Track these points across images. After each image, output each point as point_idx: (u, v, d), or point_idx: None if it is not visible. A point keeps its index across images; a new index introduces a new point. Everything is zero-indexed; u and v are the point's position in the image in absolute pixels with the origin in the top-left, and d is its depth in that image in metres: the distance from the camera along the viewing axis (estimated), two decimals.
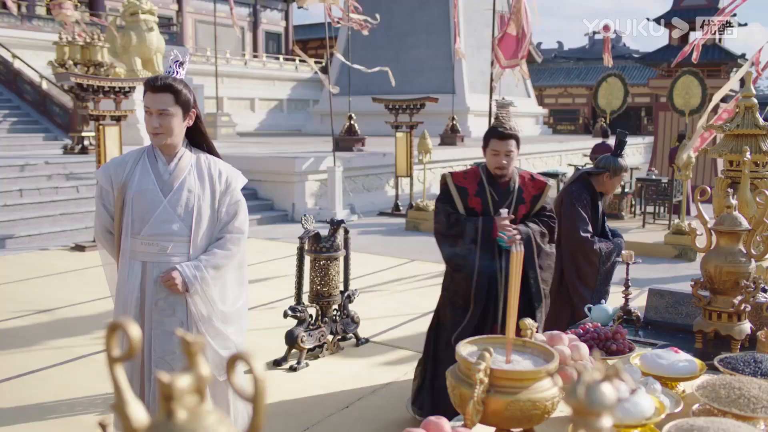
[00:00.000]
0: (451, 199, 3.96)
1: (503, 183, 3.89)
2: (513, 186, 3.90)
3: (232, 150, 15.52)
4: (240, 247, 3.07)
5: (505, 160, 3.79)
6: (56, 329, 6.10)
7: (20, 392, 4.68)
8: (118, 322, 0.78)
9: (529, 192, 3.91)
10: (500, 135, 3.77)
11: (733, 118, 4.77)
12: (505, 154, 3.78)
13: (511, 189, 3.89)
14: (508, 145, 3.77)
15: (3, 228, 10.27)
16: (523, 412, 1.74)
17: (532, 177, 3.98)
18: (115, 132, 9.17)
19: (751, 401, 1.78)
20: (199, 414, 0.75)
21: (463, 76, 27.17)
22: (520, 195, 3.89)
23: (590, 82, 37.41)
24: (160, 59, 19.19)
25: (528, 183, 3.93)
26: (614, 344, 2.48)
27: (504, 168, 3.82)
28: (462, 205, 3.91)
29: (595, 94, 18.64)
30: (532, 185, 3.93)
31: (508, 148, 3.78)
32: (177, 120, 2.90)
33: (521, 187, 3.91)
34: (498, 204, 3.85)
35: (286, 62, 34.93)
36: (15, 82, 18.62)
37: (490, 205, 3.85)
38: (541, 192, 3.94)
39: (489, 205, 3.85)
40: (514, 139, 3.79)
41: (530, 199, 3.91)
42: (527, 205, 3.91)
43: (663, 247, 9.94)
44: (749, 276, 2.55)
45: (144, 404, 2.87)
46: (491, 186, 3.89)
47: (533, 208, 3.93)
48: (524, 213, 3.90)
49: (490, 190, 3.88)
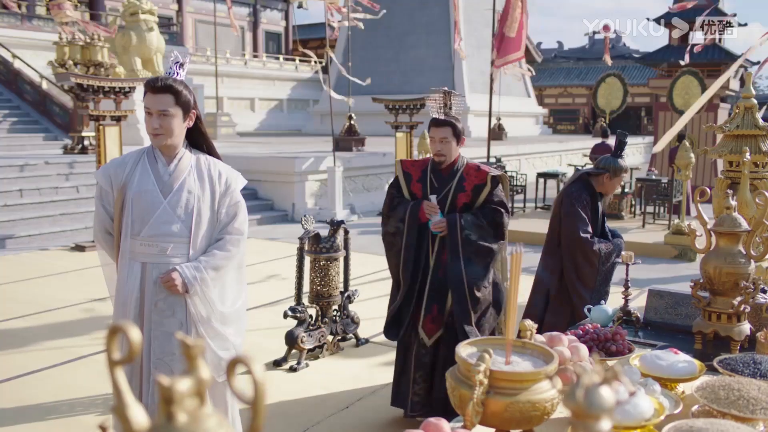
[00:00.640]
0: (398, 184, 4.15)
1: (445, 170, 4.01)
2: (455, 174, 3.99)
3: (232, 150, 15.53)
4: (239, 248, 3.08)
5: (440, 146, 3.93)
6: (56, 329, 6.10)
7: (20, 392, 4.69)
8: (118, 325, 0.78)
9: (471, 181, 3.97)
10: (435, 122, 3.95)
11: (732, 119, 4.77)
12: (440, 141, 3.93)
13: (452, 177, 3.99)
14: (443, 132, 3.92)
15: (3, 228, 10.28)
16: (523, 413, 1.74)
17: (478, 168, 4.03)
18: (115, 132, 9.17)
19: (750, 402, 1.78)
20: (199, 417, 0.75)
21: (463, 76, 27.16)
22: (461, 183, 3.97)
23: (590, 82, 37.41)
24: (160, 59, 19.19)
25: (472, 173, 3.99)
26: (614, 345, 2.48)
27: (442, 155, 3.95)
28: (406, 190, 4.10)
29: (595, 94, 18.66)
30: (475, 175, 3.99)
31: (443, 135, 3.92)
32: (177, 121, 2.91)
33: (464, 175, 3.99)
34: (437, 190, 3.98)
35: (286, 62, 34.94)
36: (15, 82, 18.63)
37: (428, 191, 4.00)
38: (483, 182, 3.97)
39: (428, 191, 4.00)
40: (449, 126, 3.92)
41: (471, 189, 3.97)
42: (468, 194, 3.97)
43: (663, 248, 9.94)
44: (749, 277, 2.55)
45: (142, 405, 2.88)
46: (433, 173, 4.03)
47: (476, 198, 3.97)
48: (465, 202, 3.96)
49: (431, 177, 4.03)
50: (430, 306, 4.03)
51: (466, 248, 3.90)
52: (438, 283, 4.02)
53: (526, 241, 10.65)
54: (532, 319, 4.34)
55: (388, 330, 4.22)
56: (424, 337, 4.05)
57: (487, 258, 3.95)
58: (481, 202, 3.98)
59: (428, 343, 4.04)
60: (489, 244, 3.94)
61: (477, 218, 3.93)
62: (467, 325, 3.89)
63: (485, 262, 3.95)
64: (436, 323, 4.03)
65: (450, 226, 3.91)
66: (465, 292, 3.91)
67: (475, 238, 3.90)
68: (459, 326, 3.91)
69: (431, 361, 4.07)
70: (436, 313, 4.03)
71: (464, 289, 3.91)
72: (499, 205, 3.98)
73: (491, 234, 3.95)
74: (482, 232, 3.92)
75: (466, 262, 3.91)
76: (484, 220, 3.93)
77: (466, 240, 3.89)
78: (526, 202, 13.70)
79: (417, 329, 4.06)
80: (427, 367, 4.08)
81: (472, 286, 3.91)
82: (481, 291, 3.95)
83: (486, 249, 3.93)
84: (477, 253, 3.93)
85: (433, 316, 4.03)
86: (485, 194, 3.97)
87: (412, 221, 3.99)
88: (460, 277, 3.90)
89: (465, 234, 3.89)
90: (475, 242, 3.90)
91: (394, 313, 4.15)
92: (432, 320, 4.03)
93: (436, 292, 4.02)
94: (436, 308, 4.03)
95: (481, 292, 3.95)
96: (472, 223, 3.90)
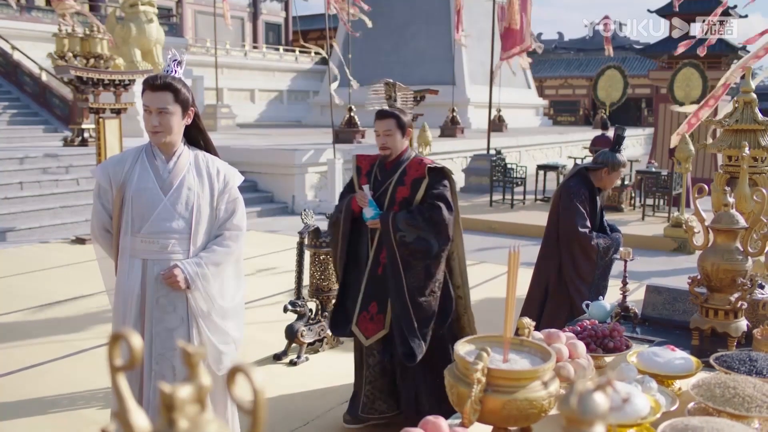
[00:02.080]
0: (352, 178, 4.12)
1: (389, 164, 3.94)
2: (398, 168, 3.90)
3: (233, 142, 15.52)
4: (239, 243, 3.12)
5: (384, 139, 3.85)
6: (57, 323, 6.13)
7: (22, 387, 4.71)
8: (120, 332, 0.80)
9: (411, 175, 3.86)
10: (379, 114, 3.89)
11: (732, 113, 4.78)
12: (384, 134, 3.85)
13: (394, 170, 3.91)
14: (386, 125, 3.84)
15: (4, 221, 10.30)
16: (520, 411, 1.76)
17: (421, 161, 3.91)
18: (115, 125, 9.17)
19: (745, 400, 1.80)
20: (199, 423, 0.76)
21: (463, 66, 27.13)
22: (402, 177, 3.87)
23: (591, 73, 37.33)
24: (159, 51, 19.17)
25: (413, 167, 3.88)
26: (611, 342, 2.49)
27: (386, 148, 3.88)
28: (356, 182, 4.04)
29: (595, 86, 18.62)
30: (415, 169, 3.87)
31: (386, 128, 3.84)
32: (176, 118, 2.93)
33: (406, 169, 3.89)
34: (380, 184, 3.91)
35: (286, 53, 34.86)
36: (15, 74, 18.62)
37: (371, 185, 3.94)
38: (422, 175, 3.82)
39: (371, 185, 3.94)
40: (393, 119, 3.84)
41: (410, 182, 3.84)
42: (407, 187, 3.84)
43: (662, 240, 9.96)
44: (746, 274, 2.57)
45: (143, 401, 2.90)
46: (379, 167, 3.97)
47: (415, 193, 3.83)
48: (404, 196, 3.83)
49: (376, 171, 3.96)
50: (367, 303, 3.89)
51: (402, 251, 3.72)
52: (377, 281, 3.86)
53: (525, 233, 10.69)
54: (531, 312, 4.38)
55: (334, 325, 4.13)
56: (360, 336, 3.91)
57: (426, 260, 3.73)
58: (420, 198, 3.81)
59: (366, 343, 3.90)
60: (427, 247, 3.72)
61: (412, 217, 3.73)
62: (410, 334, 3.71)
63: (425, 264, 3.74)
64: (376, 323, 3.87)
65: (383, 225, 3.78)
66: (406, 299, 3.72)
67: (411, 239, 3.70)
68: (398, 335, 3.75)
69: (379, 362, 3.92)
70: (376, 311, 3.87)
71: (405, 296, 3.72)
72: (438, 199, 3.77)
73: (430, 233, 3.73)
74: (419, 233, 3.71)
75: (405, 266, 3.73)
76: (420, 217, 3.73)
77: (401, 242, 3.71)
78: (526, 195, 13.70)
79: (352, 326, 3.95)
80: (374, 368, 3.93)
81: (414, 292, 3.72)
82: (425, 297, 3.75)
83: (424, 251, 3.72)
84: (414, 256, 3.73)
85: (372, 315, 3.87)
86: (424, 188, 3.81)
87: (347, 212, 3.94)
88: (399, 283, 3.73)
89: (400, 236, 3.71)
90: (411, 244, 3.70)
91: (337, 307, 4.06)
92: (370, 318, 3.88)
93: (374, 289, 3.87)
94: (375, 306, 3.87)
95: (425, 298, 3.74)
96: (407, 223, 3.71)
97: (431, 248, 3.73)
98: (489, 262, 8.80)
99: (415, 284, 3.73)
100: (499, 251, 9.61)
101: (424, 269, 3.75)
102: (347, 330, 3.99)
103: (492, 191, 13.55)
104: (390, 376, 3.94)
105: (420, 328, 3.74)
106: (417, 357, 3.71)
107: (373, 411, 3.97)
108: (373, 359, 3.93)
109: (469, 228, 11.69)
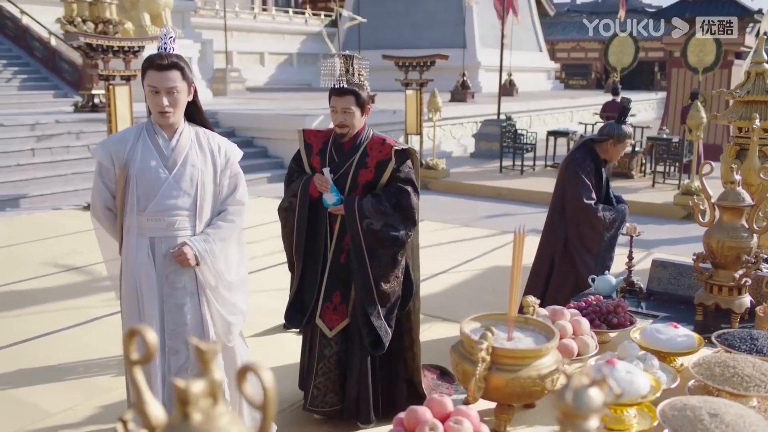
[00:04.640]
0: (299, 156, 3.80)
1: (347, 143, 3.65)
2: (358, 148, 3.63)
3: (243, 106, 15.50)
4: (242, 218, 3.19)
5: (342, 117, 3.55)
6: (70, 290, 6.22)
7: (37, 354, 4.81)
8: (135, 328, 0.84)
9: (374, 157, 3.60)
10: (336, 91, 3.55)
11: (743, 84, 4.75)
12: (342, 111, 3.54)
13: (354, 151, 3.63)
14: (344, 102, 3.53)
15: (16, 187, 10.39)
16: (524, 388, 1.81)
17: (383, 141, 3.64)
18: (125, 92, 9.17)
19: (744, 380, 1.84)
20: (213, 416, 0.81)
21: (474, 30, 26.90)
22: (363, 159, 3.61)
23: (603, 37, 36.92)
24: (168, 15, 19.03)
25: (376, 147, 3.61)
26: (615, 318, 2.53)
27: (344, 126, 3.57)
28: (306, 163, 3.74)
29: (606, 51, 18.42)
30: (379, 149, 3.60)
31: (344, 105, 3.53)
32: (183, 96, 2.96)
33: (367, 150, 3.62)
34: (336, 165, 3.63)
35: (296, 15, 34.56)
36: (24, 39, 18.55)
37: (326, 165, 3.65)
38: (387, 158, 3.58)
39: (326, 165, 3.65)
40: (352, 95, 3.53)
41: (374, 165, 3.59)
42: (371, 170, 3.60)
43: (672, 208, 9.95)
44: (751, 251, 2.59)
45: (156, 377, 2.95)
46: (334, 146, 3.67)
47: (380, 176, 3.60)
48: (368, 179, 3.59)
49: (331, 150, 3.67)
50: (330, 293, 3.70)
51: (369, 239, 3.54)
52: (340, 270, 3.68)
53: (535, 200, 10.69)
54: (536, 284, 4.42)
55: (289, 317, 3.85)
56: (323, 327, 3.72)
57: (394, 247, 3.58)
58: (385, 181, 3.59)
59: (330, 335, 3.71)
60: (396, 233, 3.55)
61: (380, 203, 3.53)
62: (377, 323, 3.59)
63: (392, 252, 3.58)
64: (339, 313, 3.70)
65: (348, 213, 3.54)
66: (371, 287, 3.58)
67: (379, 227, 3.52)
68: (362, 322, 3.61)
69: (336, 353, 3.74)
70: (339, 301, 3.70)
71: (371, 284, 3.58)
72: (405, 183, 3.58)
73: (398, 220, 3.56)
74: (387, 219, 3.53)
75: (371, 255, 3.56)
76: (387, 203, 3.54)
77: (368, 230, 3.52)
78: (536, 161, 13.66)
79: (315, 319, 3.75)
80: (330, 360, 3.75)
81: (379, 280, 3.58)
82: (390, 283, 3.62)
83: (392, 239, 3.55)
84: (382, 244, 3.56)
85: (335, 305, 3.71)
86: (389, 171, 3.58)
87: (304, 196, 3.64)
88: (365, 271, 3.57)
89: (366, 223, 3.51)
90: (379, 232, 3.52)
91: (293, 299, 3.81)
92: (333, 309, 3.71)
93: (337, 278, 3.68)
94: (338, 296, 3.70)
95: (390, 284, 3.62)
96: (374, 210, 3.51)
97: (399, 235, 3.56)
98: (496, 230, 8.82)
99: (380, 272, 3.59)
100: (508, 218, 9.62)
101: (390, 256, 3.59)
102: (303, 322, 3.80)
103: (502, 157, 13.52)
104: (344, 368, 3.78)
105: (386, 315, 3.64)
106: (385, 345, 3.62)
107: (324, 404, 3.78)
108: (329, 350, 3.74)
109: (478, 194, 11.71)
